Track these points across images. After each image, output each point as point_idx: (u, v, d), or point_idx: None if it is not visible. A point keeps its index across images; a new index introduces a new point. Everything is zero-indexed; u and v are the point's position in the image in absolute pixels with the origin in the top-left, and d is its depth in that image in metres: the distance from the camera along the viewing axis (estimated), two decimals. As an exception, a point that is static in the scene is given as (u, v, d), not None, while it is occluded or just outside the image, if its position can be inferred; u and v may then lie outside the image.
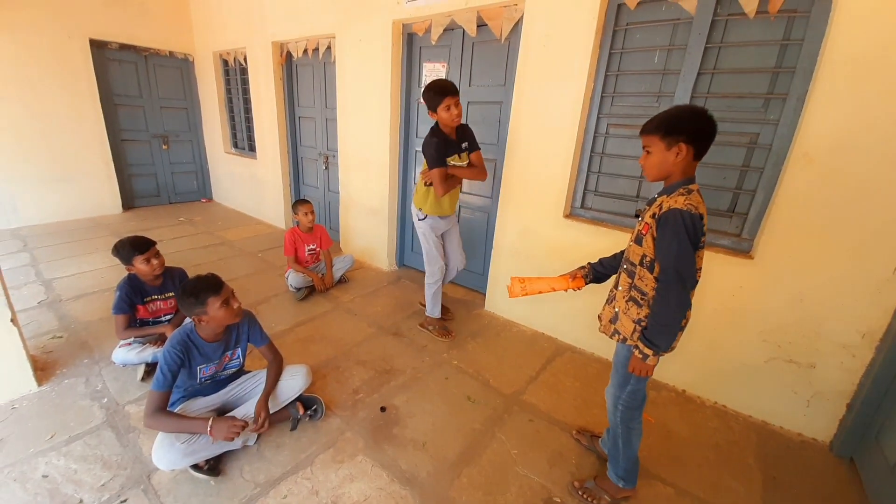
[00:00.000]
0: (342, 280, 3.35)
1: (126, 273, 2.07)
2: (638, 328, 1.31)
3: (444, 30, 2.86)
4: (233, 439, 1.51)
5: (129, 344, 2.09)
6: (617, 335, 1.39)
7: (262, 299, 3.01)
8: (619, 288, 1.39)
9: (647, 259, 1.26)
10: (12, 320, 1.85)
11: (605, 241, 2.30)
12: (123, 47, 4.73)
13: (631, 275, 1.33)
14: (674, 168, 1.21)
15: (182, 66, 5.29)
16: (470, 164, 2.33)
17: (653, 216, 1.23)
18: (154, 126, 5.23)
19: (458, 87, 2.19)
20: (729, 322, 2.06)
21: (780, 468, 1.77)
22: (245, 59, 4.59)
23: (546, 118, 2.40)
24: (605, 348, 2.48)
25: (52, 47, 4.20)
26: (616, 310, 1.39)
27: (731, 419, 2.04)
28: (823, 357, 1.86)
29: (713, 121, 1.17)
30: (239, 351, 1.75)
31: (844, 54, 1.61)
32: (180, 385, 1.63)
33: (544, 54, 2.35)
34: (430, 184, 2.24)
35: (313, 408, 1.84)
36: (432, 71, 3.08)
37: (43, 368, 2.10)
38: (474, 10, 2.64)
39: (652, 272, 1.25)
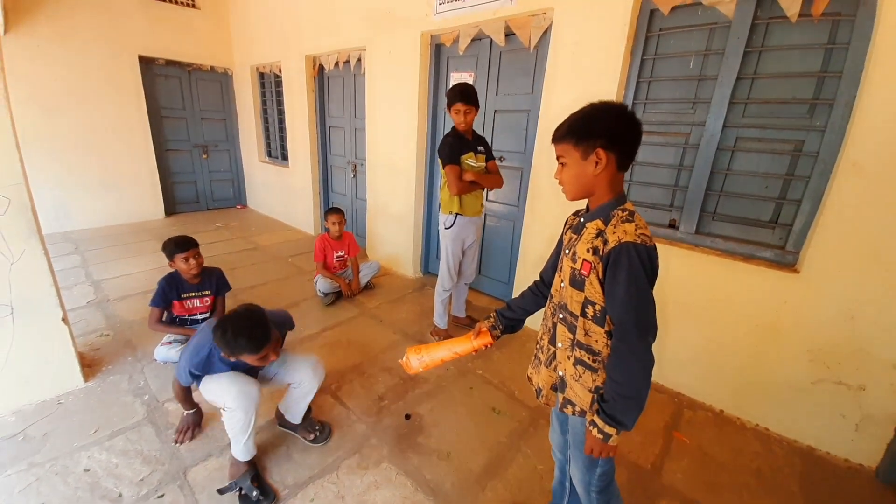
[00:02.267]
0: (368, 286, 3.40)
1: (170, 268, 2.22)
2: (597, 397, 1.01)
3: (472, 40, 2.89)
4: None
5: (170, 343, 2.20)
6: (569, 406, 1.07)
7: (291, 303, 3.10)
8: (559, 345, 1.08)
9: (596, 308, 0.97)
10: (63, 319, 1.98)
11: (636, 252, 2.23)
12: (169, 63, 5.04)
13: (572, 328, 1.04)
14: (595, 182, 0.97)
15: (222, 80, 5.58)
16: (487, 171, 2.37)
17: (593, 251, 0.95)
18: (195, 136, 5.52)
19: (482, 95, 2.23)
20: (772, 339, 1.95)
21: (825, 496, 1.64)
22: (280, 72, 4.79)
23: (575, 126, 2.37)
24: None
25: (105, 64, 4.52)
26: (561, 374, 1.08)
27: (774, 443, 1.92)
28: (874, 378, 1.73)
29: (636, 120, 0.94)
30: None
31: (893, 58, 1.51)
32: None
33: (573, 62, 2.33)
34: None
35: (317, 428, 1.80)
36: (459, 80, 3.10)
37: (90, 365, 2.23)
38: (502, 19, 2.65)
39: (603, 325, 0.98)
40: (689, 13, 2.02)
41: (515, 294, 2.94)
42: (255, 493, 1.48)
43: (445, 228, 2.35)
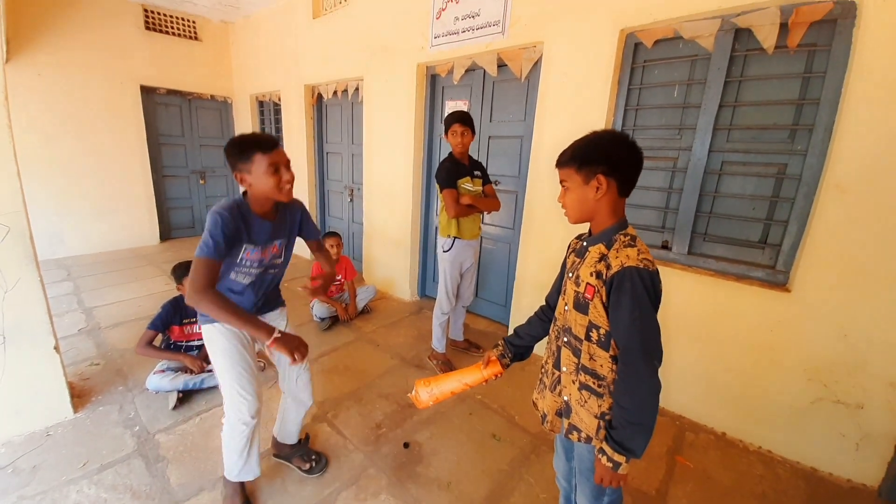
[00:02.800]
0: (365, 310, 3.39)
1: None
2: (603, 424, 1.01)
3: (466, 70, 3.00)
4: (300, 359, 1.33)
5: (164, 371, 2.16)
6: (575, 433, 1.05)
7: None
8: (564, 369, 1.07)
9: (600, 332, 0.98)
10: (55, 348, 1.95)
11: (631, 273, 2.26)
12: (170, 92, 5.16)
13: (576, 352, 1.03)
14: (597, 207, 0.99)
15: (221, 108, 5.70)
16: (484, 195, 2.42)
17: (597, 276, 0.96)
18: (193, 162, 5.59)
19: (477, 122, 2.32)
20: (768, 359, 1.96)
21: (835, 522, 1.61)
22: (279, 100, 4.91)
23: (567, 152, 2.45)
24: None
25: (106, 93, 4.62)
26: (566, 398, 1.07)
27: (777, 466, 1.90)
28: (871, 397, 1.74)
29: (636, 148, 0.97)
30: (286, 244, 1.52)
31: (870, 85, 1.60)
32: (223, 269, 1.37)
33: (563, 91, 2.43)
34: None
35: (313, 458, 1.75)
36: (454, 108, 3.21)
37: (79, 395, 2.17)
38: (494, 52, 2.78)
39: (607, 350, 0.98)
40: (671, 46, 2.13)
41: (513, 316, 2.95)
42: None
43: (444, 252, 2.37)
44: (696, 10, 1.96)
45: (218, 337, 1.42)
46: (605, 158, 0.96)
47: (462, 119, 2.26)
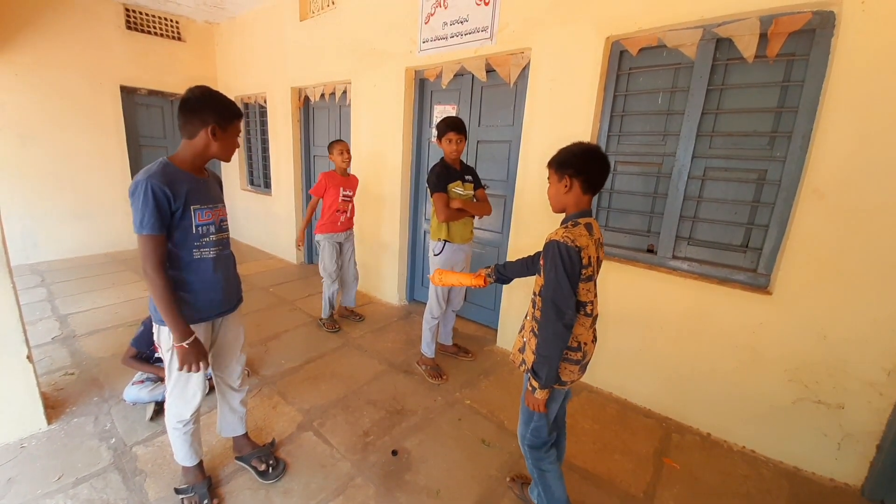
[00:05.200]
0: (355, 315, 3.34)
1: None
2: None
3: (455, 75, 3.01)
4: (191, 370, 1.36)
5: (142, 382, 2.08)
6: (524, 366, 1.38)
7: (272, 335, 3.01)
8: (527, 318, 1.40)
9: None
10: (28, 357, 1.86)
11: (617, 275, 2.29)
12: (152, 93, 5.04)
13: (534, 304, 1.36)
14: (567, 200, 1.30)
15: (205, 110, 5.59)
16: (475, 199, 2.42)
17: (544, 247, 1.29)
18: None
19: (467, 126, 2.31)
20: (751, 360, 2.00)
21: (818, 520, 1.65)
22: (265, 103, 4.85)
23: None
24: (623, 387, 2.40)
25: (85, 93, 4.49)
26: (524, 339, 1.40)
27: (761, 465, 1.93)
28: (851, 396, 1.78)
29: (602, 158, 1.27)
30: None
31: (847, 94, 1.66)
32: (181, 246, 1.33)
33: (550, 97, 2.45)
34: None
35: (270, 462, 1.71)
36: (443, 112, 3.22)
37: (53, 406, 2.08)
38: (483, 57, 2.79)
39: None
40: (656, 54, 2.18)
41: (502, 320, 2.95)
42: (206, 503, 1.52)
43: (434, 255, 2.36)
44: (679, 19, 2.00)
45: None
46: (573, 163, 1.27)
47: (457, 127, 2.26)
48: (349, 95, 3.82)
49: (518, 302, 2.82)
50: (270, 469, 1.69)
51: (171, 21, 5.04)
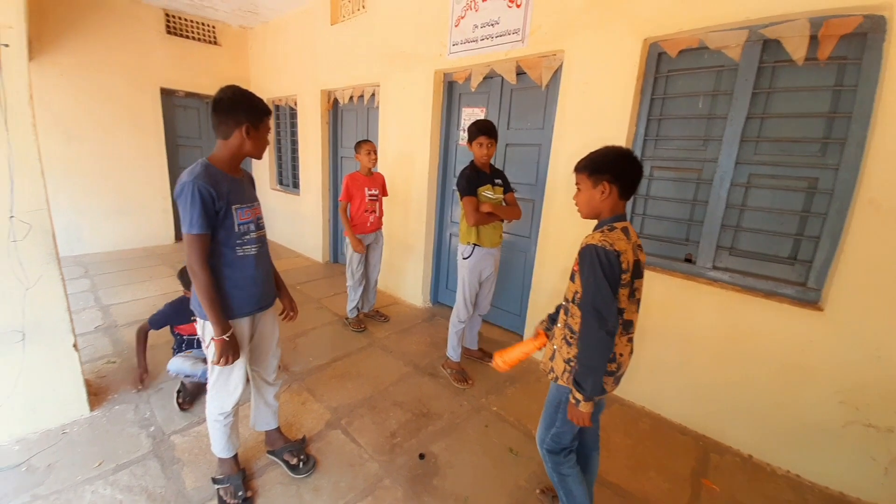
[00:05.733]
0: (380, 316, 3.36)
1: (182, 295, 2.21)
2: (568, 368, 1.28)
3: (484, 77, 3.00)
4: (226, 363, 1.40)
5: (187, 354, 2.17)
6: (552, 374, 1.34)
7: (299, 332, 3.06)
8: (558, 325, 1.36)
9: (578, 296, 1.25)
10: (74, 345, 1.95)
11: (653, 285, 2.21)
12: (189, 94, 5.24)
13: (566, 311, 1.32)
14: (601, 206, 1.26)
15: (238, 111, 5.77)
16: (505, 203, 2.40)
17: (579, 253, 1.24)
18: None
19: (497, 129, 2.30)
20: (799, 380, 1.89)
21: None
22: (295, 105, 4.96)
23: (587, 161, 2.42)
24: (657, 402, 2.32)
25: (127, 95, 4.71)
26: (555, 347, 1.36)
27: (806, 491, 1.83)
28: (902, 420, 1.67)
29: (637, 162, 1.24)
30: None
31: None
32: (225, 244, 1.38)
33: (584, 100, 2.41)
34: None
35: (301, 457, 1.75)
36: (471, 115, 3.21)
37: (95, 393, 2.18)
38: (513, 59, 2.77)
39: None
40: (696, 56, 2.10)
41: (528, 325, 2.91)
42: (241, 494, 1.55)
43: (463, 259, 2.35)
44: (722, 20, 1.93)
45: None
46: (611, 168, 1.23)
47: (488, 131, 2.24)
48: (377, 98, 3.87)
49: (545, 307, 2.77)
50: (301, 464, 1.72)
51: (209, 26, 5.23)
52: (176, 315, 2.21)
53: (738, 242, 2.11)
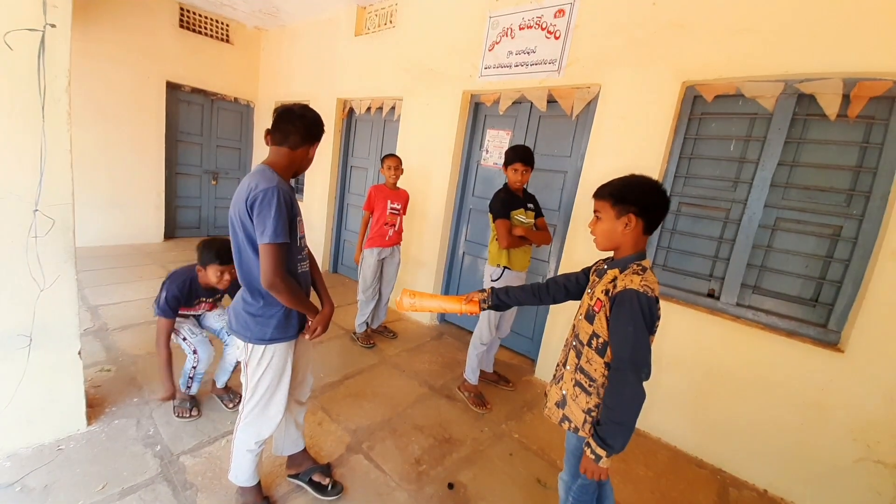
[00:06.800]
0: (388, 332, 3.27)
1: (189, 267, 1.95)
2: (589, 419, 1.16)
3: (513, 102, 3.04)
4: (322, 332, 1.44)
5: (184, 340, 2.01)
6: (566, 423, 1.22)
7: (306, 345, 2.93)
8: (567, 367, 1.24)
9: (599, 341, 1.14)
10: (79, 353, 1.80)
11: (675, 318, 2.25)
12: (195, 90, 5.09)
13: (579, 355, 1.20)
14: (623, 239, 1.15)
15: (243, 111, 5.65)
16: (536, 228, 2.40)
17: (606, 293, 1.13)
18: (207, 162, 5.47)
19: (534, 157, 2.32)
20: (817, 418, 1.95)
21: None
22: (306, 110, 4.88)
23: (616, 192, 2.47)
24: (674, 434, 2.33)
25: (133, 84, 4.53)
26: (564, 392, 1.24)
27: (826, 530, 1.85)
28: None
29: (666, 196, 1.13)
30: None
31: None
32: (291, 258, 1.34)
33: (618, 134, 2.47)
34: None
35: (328, 482, 1.66)
36: (496, 137, 3.24)
37: (91, 405, 1.99)
38: (546, 88, 2.83)
39: (602, 356, 1.14)
40: (731, 102, 2.20)
41: (542, 350, 2.89)
42: None
43: (492, 281, 2.32)
44: (760, 72, 2.03)
45: (276, 357, 1.37)
46: (638, 200, 1.11)
47: (525, 159, 2.27)
48: (397, 111, 3.86)
49: (563, 335, 2.77)
50: (330, 486, 1.63)
51: (222, 24, 5.13)
52: (186, 296, 1.90)
53: (761, 281, 2.18)
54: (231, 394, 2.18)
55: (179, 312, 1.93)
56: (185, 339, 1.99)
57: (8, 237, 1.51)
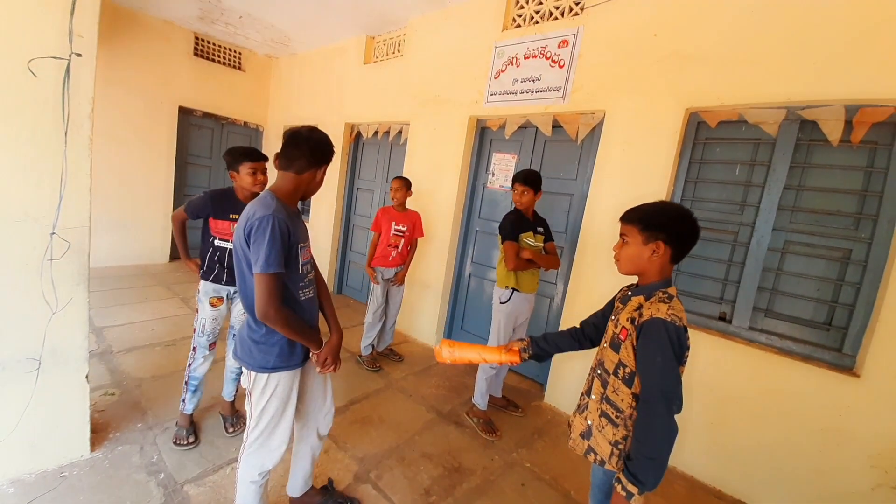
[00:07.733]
0: (394, 354, 3.24)
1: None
2: (616, 451, 1.12)
3: (518, 127, 3.11)
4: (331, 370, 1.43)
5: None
6: (592, 454, 1.17)
7: (312, 369, 2.89)
8: (592, 396, 1.19)
9: (626, 371, 1.10)
10: (87, 377, 1.78)
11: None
12: (206, 115, 5.22)
13: (604, 384, 1.16)
14: (649, 266, 1.12)
15: (252, 135, 5.77)
16: (545, 251, 2.41)
17: (632, 322, 1.10)
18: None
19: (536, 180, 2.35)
20: (835, 444, 1.90)
21: None
22: (314, 134, 4.99)
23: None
24: (689, 463, 2.26)
25: (146, 109, 4.66)
26: (589, 423, 1.19)
27: (857, 568, 1.77)
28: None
29: (697, 226, 1.10)
30: None
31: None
32: (292, 286, 1.31)
33: (623, 159, 2.51)
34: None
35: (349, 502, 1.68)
36: (501, 160, 3.30)
37: (95, 430, 1.95)
38: (551, 114, 2.89)
39: (630, 387, 1.10)
40: (735, 128, 2.25)
41: (552, 374, 2.84)
42: None
43: (500, 303, 2.32)
44: (763, 99, 2.08)
45: (281, 386, 1.34)
46: (668, 228, 1.09)
47: (523, 179, 2.31)
48: (404, 136, 3.94)
49: (572, 360, 2.73)
50: None
51: (235, 52, 5.32)
52: (216, 206, 1.95)
53: (773, 305, 2.16)
54: (235, 417, 2.14)
55: (210, 230, 1.99)
56: (195, 329, 2.01)
57: (22, 259, 1.52)
